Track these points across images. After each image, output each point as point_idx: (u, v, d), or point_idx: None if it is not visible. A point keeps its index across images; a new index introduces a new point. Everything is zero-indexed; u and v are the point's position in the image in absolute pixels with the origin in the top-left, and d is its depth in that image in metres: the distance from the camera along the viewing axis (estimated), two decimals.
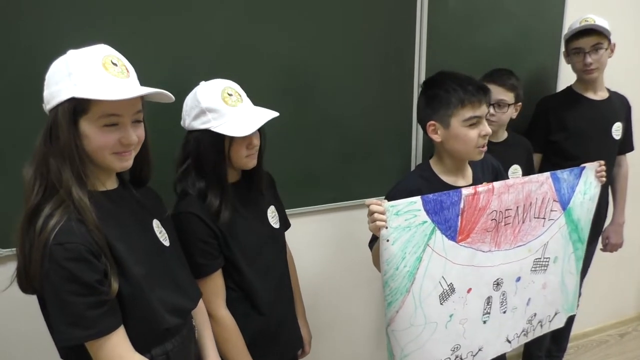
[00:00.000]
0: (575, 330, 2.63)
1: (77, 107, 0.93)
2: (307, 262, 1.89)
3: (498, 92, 1.91)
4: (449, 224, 1.34)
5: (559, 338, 2.46)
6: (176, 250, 1.19)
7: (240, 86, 1.35)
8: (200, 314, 1.28)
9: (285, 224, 1.55)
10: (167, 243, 1.14)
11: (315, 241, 2.01)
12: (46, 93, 0.96)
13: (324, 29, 1.78)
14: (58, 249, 0.90)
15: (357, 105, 1.91)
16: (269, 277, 1.42)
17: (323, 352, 2.08)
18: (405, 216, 1.27)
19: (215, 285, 1.32)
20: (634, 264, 2.99)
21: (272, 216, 1.47)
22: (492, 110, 1.92)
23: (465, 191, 1.35)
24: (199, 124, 1.26)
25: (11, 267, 1.46)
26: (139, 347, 1.01)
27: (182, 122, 1.33)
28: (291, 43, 1.74)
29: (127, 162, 1.03)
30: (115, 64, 0.98)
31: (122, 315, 0.99)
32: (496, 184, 1.41)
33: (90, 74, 0.94)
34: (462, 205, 1.34)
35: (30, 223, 0.93)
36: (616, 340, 2.94)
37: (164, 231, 1.15)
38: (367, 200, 1.25)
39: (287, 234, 1.58)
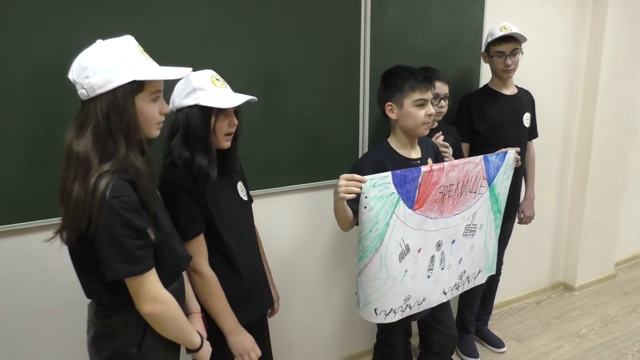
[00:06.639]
0: (499, 298, 2.91)
1: (135, 87, 1.08)
2: (271, 236, 2.03)
3: (436, 86, 2.03)
4: (409, 195, 1.55)
5: (485, 303, 2.71)
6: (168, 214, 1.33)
7: None
8: None
9: (250, 198, 1.68)
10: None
11: (278, 218, 2.14)
12: (97, 79, 1.05)
13: (286, 39, 1.97)
14: (115, 201, 1.03)
15: (314, 101, 2.08)
16: (244, 241, 1.55)
17: (285, 318, 2.18)
18: (379, 188, 1.48)
19: (200, 246, 1.44)
20: (545, 242, 3.32)
21: (241, 190, 1.61)
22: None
23: (423, 168, 1.57)
24: (189, 101, 1.39)
25: None
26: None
27: (170, 106, 1.42)
28: (259, 50, 1.92)
29: (159, 131, 1.19)
30: (145, 52, 1.13)
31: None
32: (446, 163, 1.64)
33: (139, 59, 1.09)
34: (420, 180, 1.56)
35: (84, 184, 1.04)
36: (533, 306, 3.22)
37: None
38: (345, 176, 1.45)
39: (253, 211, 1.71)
